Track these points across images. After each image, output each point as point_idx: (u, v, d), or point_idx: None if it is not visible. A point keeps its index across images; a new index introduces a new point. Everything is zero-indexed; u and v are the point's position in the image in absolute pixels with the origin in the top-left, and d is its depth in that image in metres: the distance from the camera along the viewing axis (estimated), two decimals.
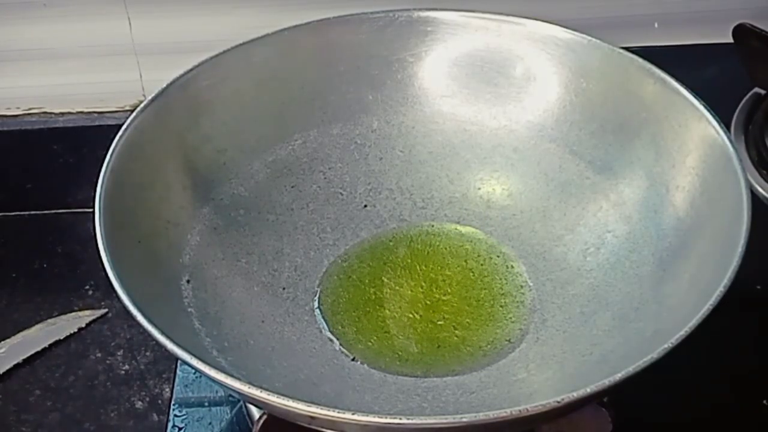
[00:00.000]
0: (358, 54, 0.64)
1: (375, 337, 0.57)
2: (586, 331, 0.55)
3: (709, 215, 0.53)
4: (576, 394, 0.42)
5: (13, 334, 0.65)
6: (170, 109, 0.58)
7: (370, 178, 0.64)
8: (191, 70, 0.60)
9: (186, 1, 0.70)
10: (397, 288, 0.59)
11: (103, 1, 0.69)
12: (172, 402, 0.60)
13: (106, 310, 0.67)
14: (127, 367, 0.64)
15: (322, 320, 0.57)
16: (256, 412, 0.55)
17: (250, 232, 0.60)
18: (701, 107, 0.56)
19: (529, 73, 0.63)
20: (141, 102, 0.58)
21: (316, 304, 0.58)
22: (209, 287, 0.56)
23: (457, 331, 0.57)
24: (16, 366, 0.64)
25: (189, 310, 0.54)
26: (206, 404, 0.60)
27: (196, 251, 0.57)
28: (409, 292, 0.59)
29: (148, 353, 0.64)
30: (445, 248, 0.61)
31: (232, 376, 0.44)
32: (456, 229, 0.62)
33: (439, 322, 0.57)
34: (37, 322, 0.66)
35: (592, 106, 0.62)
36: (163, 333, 0.45)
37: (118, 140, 0.55)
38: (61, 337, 0.65)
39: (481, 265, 0.60)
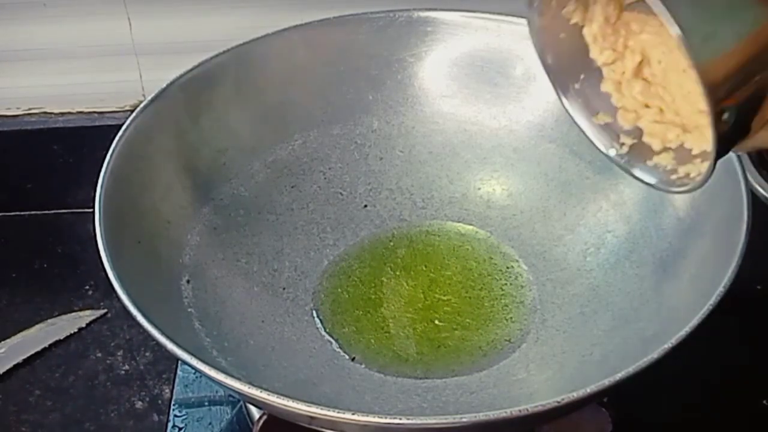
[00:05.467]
0: (358, 54, 0.64)
1: (375, 337, 0.57)
2: (586, 331, 0.55)
3: (709, 215, 0.53)
4: (576, 394, 0.42)
5: (13, 334, 0.65)
6: (170, 109, 0.58)
7: (370, 178, 0.64)
8: (191, 70, 0.60)
9: (186, 1, 0.70)
10: (397, 288, 0.59)
11: (103, 1, 0.69)
12: (172, 402, 0.60)
13: (105, 310, 0.67)
14: (127, 367, 0.64)
15: (322, 320, 0.57)
16: (256, 412, 0.55)
17: (250, 232, 0.60)
18: None
19: (529, 73, 0.63)
20: (141, 102, 0.58)
21: (316, 304, 0.58)
22: (209, 287, 0.56)
23: (457, 331, 0.57)
24: (16, 366, 0.64)
25: (189, 310, 0.54)
26: (206, 404, 0.60)
27: (196, 251, 0.57)
28: (409, 292, 0.59)
29: (148, 353, 0.64)
30: (445, 248, 0.61)
31: (232, 376, 0.44)
32: (456, 229, 0.62)
33: (439, 322, 0.57)
34: (37, 322, 0.66)
35: None
36: (163, 333, 0.45)
37: (118, 140, 0.55)
38: (61, 337, 0.65)
39: (481, 265, 0.60)
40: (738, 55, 0.38)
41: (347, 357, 0.55)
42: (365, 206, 0.63)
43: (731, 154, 0.53)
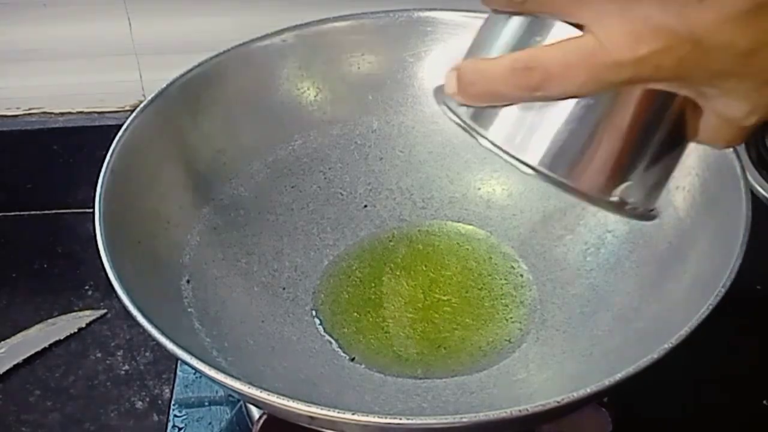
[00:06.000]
0: (358, 54, 0.64)
1: (375, 337, 0.57)
2: (586, 331, 0.55)
3: (709, 215, 0.53)
4: (576, 394, 0.42)
5: (13, 334, 0.65)
6: (170, 109, 0.58)
7: (370, 178, 0.64)
8: (191, 70, 0.60)
9: (186, 1, 0.70)
10: (397, 288, 0.59)
11: (103, 1, 0.69)
12: (172, 402, 0.60)
13: (105, 310, 0.67)
14: (127, 367, 0.64)
15: (322, 320, 0.57)
16: (256, 412, 0.55)
17: (250, 232, 0.60)
18: None
19: None
20: (141, 102, 0.58)
21: (316, 304, 0.58)
22: (209, 287, 0.56)
23: (457, 331, 0.57)
24: (16, 366, 0.64)
25: (189, 310, 0.54)
26: (206, 404, 0.60)
27: (196, 251, 0.57)
28: (409, 292, 0.59)
29: (148, 353, 0.64)
30: (445, 248, 0.61)
31: (232, 376, 0.44)
32: (456, 229, 0.62)
33: (439, 323, 0.57)
34: (37, 322, 0.66)
35: None
36: (163, 333, 0.45)
37: (118, 140, 0.55)
38: (61, 337, 0.65)
39: (481, 265, 0.60)
40: (603, 150, 0.37)
41: (347, 357, 0.55)
42: (365, 206, 0.63)
43: (731, 156, 0.53)
